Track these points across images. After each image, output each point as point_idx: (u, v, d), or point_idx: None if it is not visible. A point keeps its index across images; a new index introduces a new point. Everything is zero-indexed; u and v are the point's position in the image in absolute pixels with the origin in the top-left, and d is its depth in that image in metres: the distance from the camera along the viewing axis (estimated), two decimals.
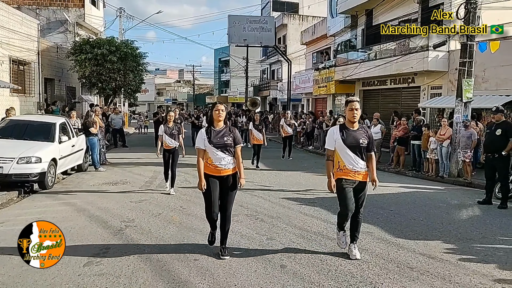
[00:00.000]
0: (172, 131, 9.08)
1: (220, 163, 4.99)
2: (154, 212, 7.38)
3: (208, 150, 5.02)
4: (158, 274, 4.63)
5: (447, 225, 6.87)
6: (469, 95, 12.19)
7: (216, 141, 5.00)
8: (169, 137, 9.05)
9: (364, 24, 21.71)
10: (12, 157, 8.91)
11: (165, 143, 9.08)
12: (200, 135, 5.10)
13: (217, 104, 5.15)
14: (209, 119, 5.22)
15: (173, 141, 9.07)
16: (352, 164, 4.96)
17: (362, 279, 4.54)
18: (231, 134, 5.09)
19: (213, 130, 5.08)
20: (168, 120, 9.20)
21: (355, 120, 5.04)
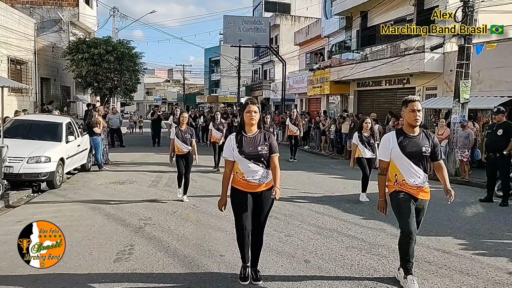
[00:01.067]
0: (185, 135, 8.24)
1: (253, 177, 4.16)
2: (168, 211, 7.52)
3: (238, 161, 4.18)
4: (189, 269, 4.79)
5: (455, 221, 7.13)
6: (466, 96, 12.51)
7: (248, 151, 4.14)
8: (181, 141, 8.21)
9: (359, 26, 22.01)
10: (22, 157, 8.98)
11: (177, 148, 8.26)
12: (229, 143, 4.24)
13: (249, 105, 4.18)
14: (239, 123, 4.42)
15: (186, 146, 8.24)
16: (413, 177, 4.17)
17: (384, 273, 4.75)
18: (266, 142, 4.19)
19: (245, 137, 4.21)
20: (181, 123, 8.34)
21: (418, 123, 4.23)
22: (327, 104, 26.48)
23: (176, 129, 8.24)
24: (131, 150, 17.81)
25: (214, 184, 10.13)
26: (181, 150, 8.24)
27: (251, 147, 4.16)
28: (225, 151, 4.27)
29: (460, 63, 12.51)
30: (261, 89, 39.81)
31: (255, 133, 4.26)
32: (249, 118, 4.19)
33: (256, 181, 4.18)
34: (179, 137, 8.20)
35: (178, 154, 8.28)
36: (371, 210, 7.82)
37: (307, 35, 29.86)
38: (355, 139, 8.80)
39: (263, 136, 4.25)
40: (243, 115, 4.24)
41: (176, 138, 8.19)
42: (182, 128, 8.30)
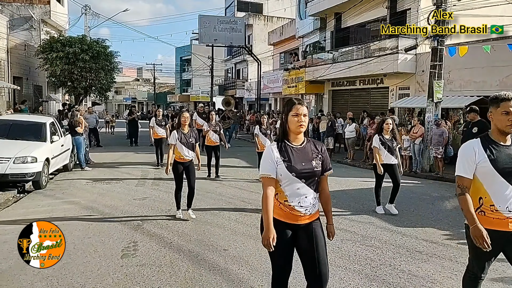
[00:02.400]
0: (188, 140, 6.94)
1: (301, 204, 3.03)
2: (163, 209, 7.65)
3: (283, 181, 3.03)
4: (197, 263, 4.98)
5: (437, 214, 7.58)
6: (439, 95, 13.11)
7: (300, 167, 3.02)
8: (185, 147, 6.90)
9: (334, 27, 22.53)
10: (9, 157, 8.91)
11: (178, 155, 6.95)
12: (269, 155, 3.07)
13: (296, 105, 3.08)
14: (281, 129, 3.18)
15: (190, 152, 6.95)
16: (507, 202, 3.03)
17: (381, 262, 5.08)
18: (319, 155, 3.14)
19: (291, 148, 3.08)
20: (182, 125, 6.97)
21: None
22: None
23: (178, 133, 6.92)
24: (108, 150, 17.67)
25: (205, 184, 10.28)
26: (184, 158, 6.94)
27: (304, 162, 3.05)
28: (264, 165, 3.07)
29: (433, 64, 13.07)
30: (234, 88, 40.01)
31: (303, 142, 3.14)
32: (296, 123, 3.05)
33: (303, 209, 3.04)
34: (183, 142, 6.89)
35: (178, 162, 6.96)
36: (357, 205, 8.21)
37: (281, 35, 30.27)
38: (376, 142, 7.69)
39: (313, 146, 3.17)
40: (286, 118, 3.11)
41: (180, 143, 6.88)
42: (184, 131, 6.97)
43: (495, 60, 13.83)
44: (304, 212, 3.05)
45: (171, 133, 7.06)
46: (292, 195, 3.03)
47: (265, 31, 37.26)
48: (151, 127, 13.14)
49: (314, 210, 3.11)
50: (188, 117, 7.06)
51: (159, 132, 12.80)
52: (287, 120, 3.12)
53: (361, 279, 4.56)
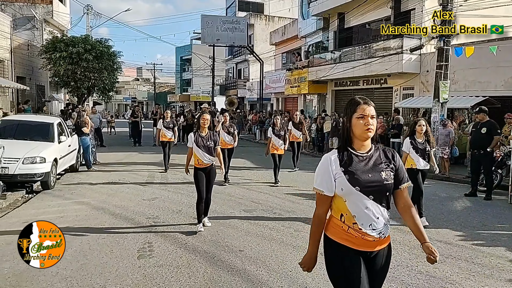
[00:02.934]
0: (207, 143, 6.36)
1: (373, 227, 2.49)
2: (173, 209, 7.65)
3: (346, 197, 2.51)
4: (214, 264, 4.98)
5: (448, 215, 7.59)
6: (445, 96, 13.12)
7: (366, 178, 2.50)
8: (202, 150, 6.33)
9: (337, 27, 22.54)
10: (18, 158, 8.89)
11: (197, 160, 6.40)
12: (325, 167, 2.57)
13: (361, 105, 2.57)
14: (343, 135, 2.63)
15: (209, 157, 6.39)
16: None
17: (397, 263, 5.08)
18: (391, 164, 2.61)
19: (355, 156, 2.56)
20: (202, 127, 6.41)
21: None
22: (304, 103, 26.95)
23: (195, 136, 6.40)
24: (112, 150, 17.65)
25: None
26: (202, 163, 6.37)
27: (370, 173, 2.52)
28: (319, 178, 2.59)
29: (439, 64, 13.09)
30: (235, 88, 40.01)
31: (370, 150, 2.61)
32: (363, 127, 2.51)
33: (376, 233, 2.50)
34: (200, 145, 6.36)
35: (198, 168, 6.40)
36: None
37: (283, 35, 30.27)
38: (407, 146, 6.97)
39: (383, 155, 2.63)
40: (349, 121, 2.59)
41: (196, 147, 6.36)
42: (203, 133, 6.43)
43: (500, 61, 13.85)
44: (377, 237, 2.51)
45: (188, 136, 6.64)
46: (361, 216, 2.49)
47: (267, 31, 37.26)
48: (158, 129, 12.65)
49: (387, 232, 2.60)
50: (208, 119, 6.43)
51: (167, 135, 12.27)
52: (351, 123, 2.58)
53: None
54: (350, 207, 2.51)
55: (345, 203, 2.52)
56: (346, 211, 2.52)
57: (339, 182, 2.51)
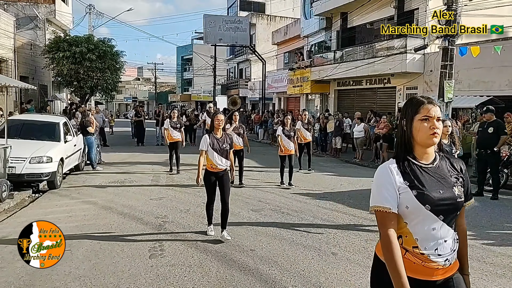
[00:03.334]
0: (222, 146, 5.91)
1: (439, 252, 2.11)
2: (181, 209, 7.65)
3: (410, 216, 2.12)
4: (226, 263, 4.98)
5: None
6: (450, 95, 13.10)
7: (438, 196, 2.10)
8: (218, 154, 5.88)
9: (340, 27, 22.54)
10: (24, 157, 8.91)
11: (211, 164, 5.92)
12: (386, 177, 2.17)
13: (425, 105, 2.19)
14: (401, 141, 2.24)
15: (223, 160, 5.92)
16: None
17: None
18: (460, 177, 2.23)
19: (422, 169, 2.17)
20: (216, 128, 5.95)
21: None
22: (306, 103, 26.95)
23: (210, 137, 5.94)
24: (115, 150, 17.63)
25: None
26: (216, 167, 5.89)
27: (442, 189, 2.13)
28: (378, 193, 2.16)
29: (444, 64, 13.06)
30: (237, 88, 40.00)
31: (435, 159, 2.23)
32: (428, 131, 2.14)
33: (442, 259, 2.11)
34: (216, 148, 5.90)
35: (210, 172, 5.94)
36: None
37: (285, 35, 30.27)
38: None
39: (449, 165, 2.25)
40: (410, 124, 2.20)
41: (212, 150, 5.87)
42: (218, 135, 5.98)
43: (504, 60, 13.85)
44: (443, 264, 2.10)
45: (202, 138, 6.08)
46: (425, 238, 2.09)
47: (268, 31, 37.25)
48: (165, 129, 12.08)
49: (454, 258, 2.17)
50: (223, 120, 6.02)
51: (174, 135, 11.69)
52: (411, 126, 2.18)
53: None
54: (412, 228, 2.11)
55: (406, 223, 2.13)
56: (406, 232, 2.13)
57: (404, 199, 2.10)
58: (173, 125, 11.76)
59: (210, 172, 5.94)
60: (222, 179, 5.97)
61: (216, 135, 5.98)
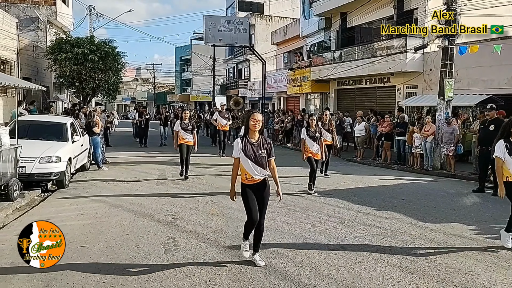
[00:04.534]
0: (259, 152, 4.85)
1: None
2: (190, 206, 7.81)
3: None
4: (239, 258, 5.11)
5: (458, 210, 7.77)
6: (450, 94, 13.29)
7: None
8: (254, 163, 4.82)
9: (339, 27, 22.71)
10: (34, 157, 9.06)
11: (246, 175, 4.86)
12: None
13: None
14: None
15: (261, 170, 4.86)
16: None
17: (416, 255, 5.26)
18: None
19: None
20: (252, 130, 4.89)
21: None
22: (306, 102, 27.12)
23: (243, 142, 4.88)
24: (118, 150, 17.75)
25: (220, 181, 10.48)
26: (252, 178, 4.87)
27: None
28: None
29: (444, 63, 13.26)
30: (236, 88, 40.13)
31: None
32: None
33: None
34: (250, 155, 4.83)
35: (246, 185, 4.90)
36: (378, 202, 8.37)
37: (285, 35, 30.44)
38: (501, 150, 5.58)
39: None
40: None
41: (244, 156, 4.84)
42: (253, 139, 4.91)
43: (502, 59, 14.00)
44: None
45: (234, 143, 5.05)
46: None
47: (267, 31, 37.41)
48: (175, 131, 10.97)
49: None
50: (260, 121, 4.90)
51: (186, 138, 10.77)
52: None
53: (401, 272, 4.74)
54: None
55: None
56: None
57: None
58: (184, 126, 10.68)
59: (246, 184, 4.90)
60: (263, 191, 4.95)
61: (251, 139, 4.92)
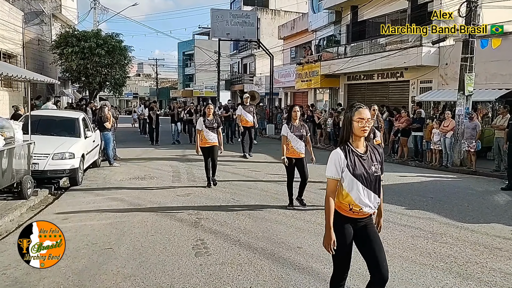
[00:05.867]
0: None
1: None
2: (211, 205, 7.49)
3: None
4: (277, 261, 4.82)
5: (493, 209, 7.43)
6: (470, 88, 12.93)
7: None
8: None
9: (350, 20, 22.30)
10: (47, 153, 8.75)
11: (351, 204, 3.25)
12: None
13: None
14: None
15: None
16: None
17: (465, 260, 4.92)
18: None
19: None
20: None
21: None
22: (314, 97, 26.75)
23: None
24: (126, 146, 17.38)
25: (239, 178, 10.16)
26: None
27: None
28: None
29: (464, 56, 12.88)
30: (241, 83, 39.75)
31: None
32: None
33: None
34: (362, 174, 3.26)
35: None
36: (405, 200, 8.03)
37: (292, 29, 30.00)
38: None
39: None
40: None
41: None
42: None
43: None
44: None
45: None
46: None
47: (273, 25, 36.99)
48: (198, 131, 9.24)
49: None
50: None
51: (210, 138, 8.96)
52: None
53: (455, 278, 4.40)
54: None
55: None
56: None
57: None
58: (208, 124, 8.99)
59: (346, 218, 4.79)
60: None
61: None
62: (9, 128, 7.79)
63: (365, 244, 3.22)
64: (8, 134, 7.67)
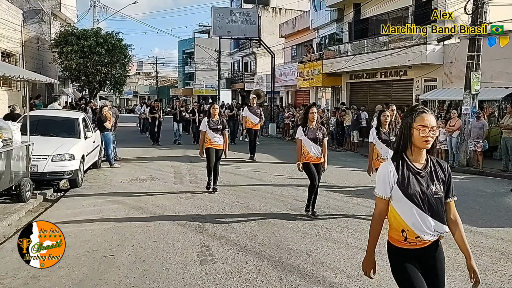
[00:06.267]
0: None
1: None
2: (216, 208, 7.29)
3: None
4: (285, 270, 4.61)
5: (506, 213, 7.23)
6: (476, 87, 12.73)
7: None
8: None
9: (352, 18, 22.06)
10: (46, 155, 8.53)
11: (405, 231, 2.76)
12: None
13: None
14: None
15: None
16: None
17: (482, 267, 4.70)
18: None
19: None
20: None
21: None
22: (316, 96, 26.54)
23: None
24: (125, 145, 17.14)
25: (243, 180, 9.96)
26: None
27: None
28: None
29: (471, 54, 12.68)
30: (242, 82, 39.52)
31: None
32: None
33: None
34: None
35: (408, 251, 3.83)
36: None
37: (293, 27, 29.79)
38: None
39: None
40: None
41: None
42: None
43: None
44: None
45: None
46: None
47: (273, 23, 36.78)
48: (202, 132, 8.66)
49: None
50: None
51: (216, 141, 8.44)
52: None
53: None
54: None
55: None
56: None
57: None
58: (213, 126, 8.46)
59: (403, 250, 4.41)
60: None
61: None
62: (7, 129, 7.58)
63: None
64: (6, 135, 7.46)
